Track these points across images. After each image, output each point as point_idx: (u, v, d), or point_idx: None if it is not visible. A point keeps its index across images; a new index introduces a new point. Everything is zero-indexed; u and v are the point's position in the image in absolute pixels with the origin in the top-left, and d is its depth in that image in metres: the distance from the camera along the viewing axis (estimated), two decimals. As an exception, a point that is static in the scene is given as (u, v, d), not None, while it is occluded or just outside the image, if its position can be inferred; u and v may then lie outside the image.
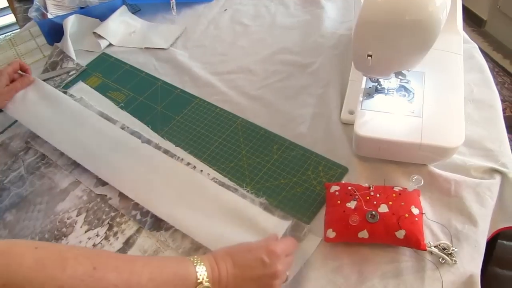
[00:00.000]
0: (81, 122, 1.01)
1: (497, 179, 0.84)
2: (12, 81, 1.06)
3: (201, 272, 0.63)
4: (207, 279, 0.62)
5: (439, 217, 0.79)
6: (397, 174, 0.85)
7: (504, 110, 2.10)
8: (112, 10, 1.27)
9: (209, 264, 0.64)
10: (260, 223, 0.78)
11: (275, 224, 0.78)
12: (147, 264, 0.61)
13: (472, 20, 2.50)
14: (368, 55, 0.72)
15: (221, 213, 0.82)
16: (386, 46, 0.71)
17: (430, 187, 0.82)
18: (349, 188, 0.78)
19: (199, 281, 0.62)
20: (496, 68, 2.29)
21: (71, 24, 1.21)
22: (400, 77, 0.79)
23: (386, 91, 0.85)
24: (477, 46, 1.09)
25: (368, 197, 0.75)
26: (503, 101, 2.21)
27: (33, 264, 0.53)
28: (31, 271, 0.52)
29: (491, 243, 0.91)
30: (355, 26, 0.70)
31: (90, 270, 0.55)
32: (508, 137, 0.94)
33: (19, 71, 1.09)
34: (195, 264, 0.63)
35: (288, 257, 0.70)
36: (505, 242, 1.15)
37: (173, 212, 0.83)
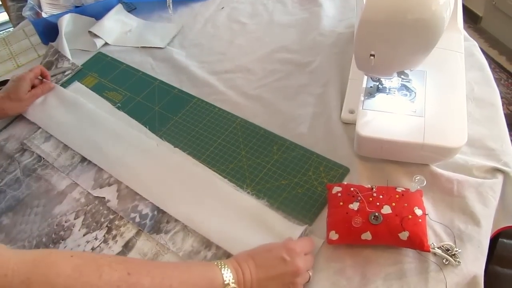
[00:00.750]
0: (98, 126, 1.01)
1: (500, 178, 0.83)
2: (33, 87, 1.07)
3: (227, 274, 0.65)
4: (233, 281, 0.64)
5: (442, 217, 0.79)
6: (399, 174, 0.84)
7: (500, 106, 2.11)
8: (108, 8, 1.26)
9: (233, 267, 0.66)
10: (275, 227, 0.79)
11: (291, 228, 0.79)
12: (177, 268, 0.64)
13: (468, 17, 2.49)
14: (371, 55, 0.71)
15: (237, 216, 0.82)
16: (389, 46, 0.70)
17: (432, 187, 0.82)
18: (352, 189, 0.77)
19: (226, 283, 0.64)
20: (492, 65, 2.29)
21: (66, 23, 1.20)
22: (402, 76, 0.78)
23: (387, 91, 0.84)
24: (476, 44, 1.08)
25: (371, 198, 0.75)
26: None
27: (71, 272, 0.54)
28: (70, 279, 0.54)
29: (492, 241, 0.90)
30: (357, 26, 0.69)
31: (125, 276, 0.57)
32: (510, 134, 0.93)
33: (40, 77, 1.09)
34: (220, 267, 0.65)
35: (308, 255, 0.72)
36: (505, 240, 1.15)
37: (190, 213, 0.84)
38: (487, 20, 2.42)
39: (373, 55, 0.71)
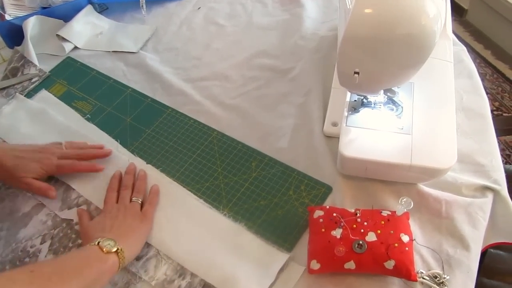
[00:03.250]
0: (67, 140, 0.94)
1: (489, 197, 0.80)
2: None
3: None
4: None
5: (430, 240, 0.75)
6: (385, 193, 0.79)
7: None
8: (77, 10, 1.18)
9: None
10: (255, 252, 0.75)
11: (271, 254, 0.75)
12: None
13: (453, 9, 2.44)
14: (355, 73, 0.65)
15: (214, 240, 0.78)
16: (375, 63, 0.64)
17: (419, 207, 0.78)
18: (334, 214, 0.72)
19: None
20: (478, 59, 2.25)
21: (31, 26, 1.12)
22: (389, 94, 0.73)
23: (372, 105, 0.80)
24: (465, 49, 1.04)
25: (354, 225, 0.70)
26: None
27: None
28: None
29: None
30: (340, 41, 0.63)
31: None
32: (498, 140, 0.90)
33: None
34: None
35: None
36: (492, 250, 1.11)
37: (163, 237, 0.79)
38: (472, 13, 2.38)
39: (358, 73, 0.65)
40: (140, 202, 0.81)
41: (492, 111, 2.05)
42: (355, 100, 0.81)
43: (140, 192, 0.83)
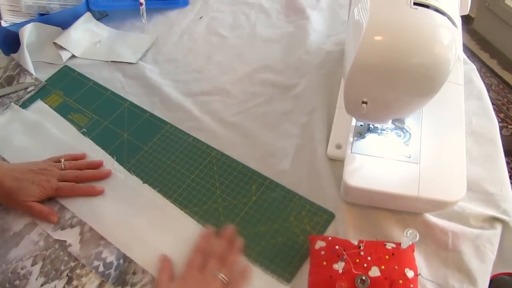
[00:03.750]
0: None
1: (498, 229, 0.77)
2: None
3: None
4: None
5: (435, 274, 0.72)
6: (389, 222, 0.77)
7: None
8: (76, 17, 1.14)
9: None
10: (254, 282, 0.72)
11: (271, 285, 0.72)
12: None
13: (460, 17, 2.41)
14: (363, 102, 0.62)
15: None
16: (385, 93, 0.61)
17: (425, 239, 0.75)
18: (337, 247, 0.69)
19: None
20: (483, 69, 2.22)
21: (28, 33, 1.08)
22: (397, 123, 0.70)
23: (379, 131, 0.76)
24: (475, 68, 1.00)
25: (357, 260, 0.67)
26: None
27: None
28: None
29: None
30: (349, 70, 0.60)
31: None
32: (506, 161, 0.87)
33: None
34: None
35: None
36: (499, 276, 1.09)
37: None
38: (479, 21, 2.35)
39: (366, 103, 0.62)
40: (226, 281, 0.70)
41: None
42: (361, 125, 0.77)
43: (230, 271, 0.72)
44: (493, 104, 1.92)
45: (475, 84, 0.96)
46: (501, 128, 1.98)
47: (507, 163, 1.79)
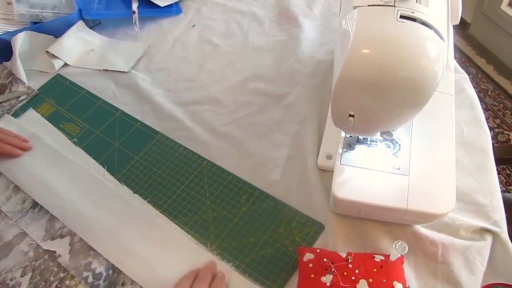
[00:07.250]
0: (55, 166, 0.92)
1: (488, 240, 0.76)
2: None
3: None
4: None
5: (425, 286, 0.72)
6: (379, 233, 0.76)
7: (487, 119, 2.01)
8: (68, 25, 1.14)
9: None
10: None
11: None
12: None
13: (455, 22, 2.41)
14: (350, 115, 0.62)
15: None
16: (372, 106, 0.61)
17: (414, 250, 0.75)
18: (325, 259, 0.69)
19: None
20: (480, 74, 2.21)
21: (21, 41, 1.08)
22: (385, 136, 0.69)
23: (369, 142, 0.76)
24: (467, 77, 1.00)
25: (345, 273, 0.67)
26: (485, 109, 2.13)
27: None
28: None
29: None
30: (335, 83, 0.60)
31: None
32: (497, 169, 0.86)
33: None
34: None
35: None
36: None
37: (149, 274, 0.76)
38: (475, 27, 2.34)
39: (353, 116, 0.62)
40: None
41: (493, 128, 2.03)
42: (351, 136, 0.77)
43: None
44: (489, 110, 1.91)
45: (467, 93, 0.96)
46: (496, 134, 1.98)
47: (503, 169, 1.79)
